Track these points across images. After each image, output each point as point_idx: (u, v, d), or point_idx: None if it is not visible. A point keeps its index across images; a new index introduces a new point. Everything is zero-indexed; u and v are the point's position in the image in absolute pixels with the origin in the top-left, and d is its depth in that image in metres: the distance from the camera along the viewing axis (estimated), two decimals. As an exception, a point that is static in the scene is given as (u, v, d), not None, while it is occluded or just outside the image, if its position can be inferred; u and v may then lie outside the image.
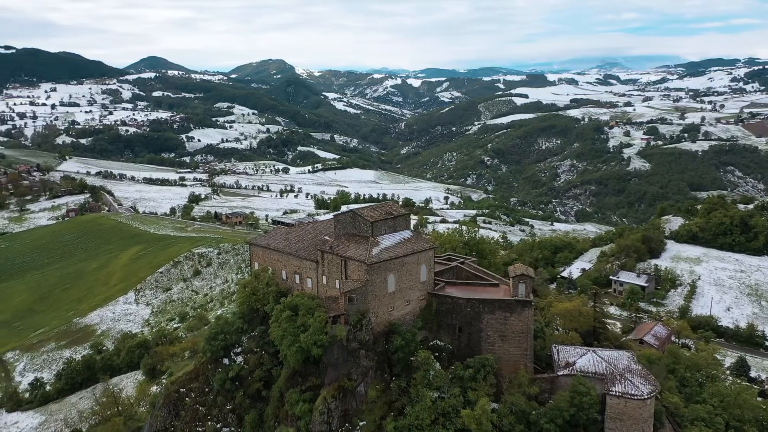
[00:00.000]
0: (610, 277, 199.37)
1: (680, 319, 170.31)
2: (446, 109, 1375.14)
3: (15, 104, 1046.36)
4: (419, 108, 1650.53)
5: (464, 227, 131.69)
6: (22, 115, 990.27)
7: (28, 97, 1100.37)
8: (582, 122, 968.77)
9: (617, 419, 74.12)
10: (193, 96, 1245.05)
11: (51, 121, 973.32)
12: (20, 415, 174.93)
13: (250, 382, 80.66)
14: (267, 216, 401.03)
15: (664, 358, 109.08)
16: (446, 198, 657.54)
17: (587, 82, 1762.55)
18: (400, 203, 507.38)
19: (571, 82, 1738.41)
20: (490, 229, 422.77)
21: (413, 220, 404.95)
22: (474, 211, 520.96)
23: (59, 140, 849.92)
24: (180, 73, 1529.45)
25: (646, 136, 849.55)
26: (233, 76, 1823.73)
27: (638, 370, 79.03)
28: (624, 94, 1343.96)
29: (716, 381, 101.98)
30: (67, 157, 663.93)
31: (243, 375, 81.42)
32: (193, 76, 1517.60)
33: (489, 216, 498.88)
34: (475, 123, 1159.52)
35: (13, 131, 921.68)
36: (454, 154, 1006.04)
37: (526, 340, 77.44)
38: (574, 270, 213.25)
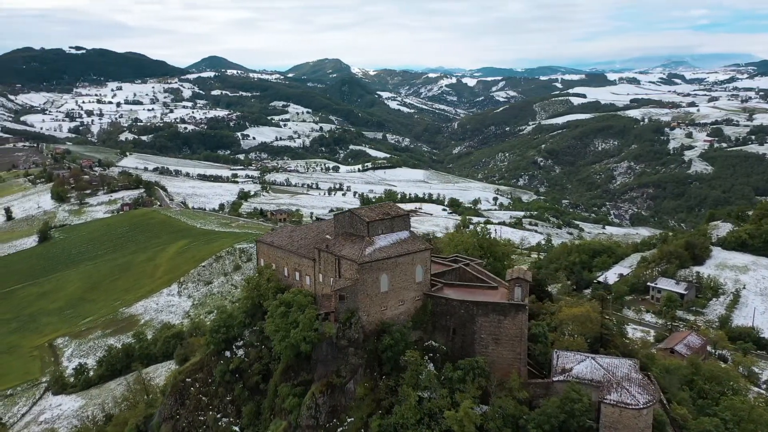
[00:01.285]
0: (648, 283, 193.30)
1: (719, 330, 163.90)
2: (501, 108, 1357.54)
3: (84, 102, 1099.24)
4: (474, 107, 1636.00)
5: (479, 228, 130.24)
6: (89, 113, 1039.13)
7: (96, 95, 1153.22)
8: (641, 123, 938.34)
9: (612, 428, 72.46)
10: (250, 95, 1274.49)
11: (116, 118, 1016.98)
12: (64, 398, 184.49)
13: (249, 375, 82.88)
14: (312, 213, 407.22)
15: (684, 369, 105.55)
16: (495, 199, 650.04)
17: (650, 82, 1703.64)
18: (446, 203, 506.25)
19: (633, 81, 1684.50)
20: (535, 231, 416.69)
21: (452, 219, 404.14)
22: (521, 213, 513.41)
23: (122, 137, 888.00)
24: (239, 72, 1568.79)
25: (709, 138, 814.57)
26: (290, 75, 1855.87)
27: (638, 379, 76.97)
28: (688, 94, 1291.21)
29: (738, 394, 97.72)
30: (127, 153, 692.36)
31: (243, 368, 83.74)
32: (251, 75, 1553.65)
33: (537, 218, 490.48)
34: (530, 123, 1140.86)
35: (81, 128, 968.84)
36: (507, 154, 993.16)
37: (520, 343, 76.58)
38: (611, 275, 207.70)
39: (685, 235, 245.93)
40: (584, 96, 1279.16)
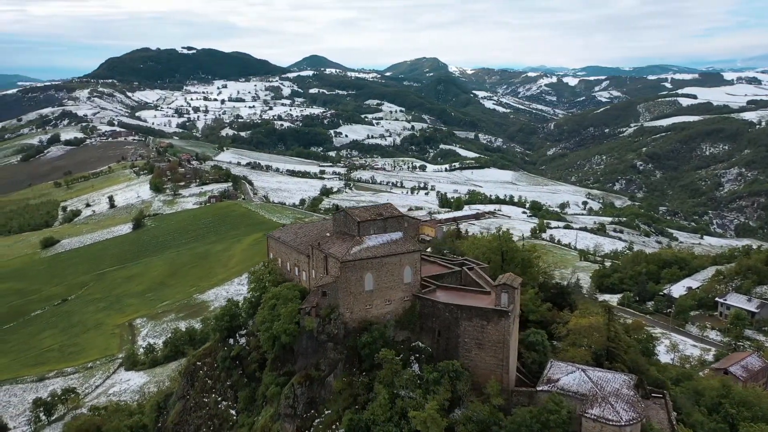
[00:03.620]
0: (716, 299, 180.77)
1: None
2: (601, 109, 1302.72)
3: (191, 99, 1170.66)
4: (573, 108, 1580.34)
5: (500, 233, 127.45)
6: (196, 110, 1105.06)
7: (203, 93, 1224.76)
8: (758, 126, 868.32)
9: (592, 444, 70.12)
10: (345, 93, 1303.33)
11: (219, 115, 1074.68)
12: (133, 374, 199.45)
13: (248, 362, 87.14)
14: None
15: (715, 391, 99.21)
16: (585, 203, 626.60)
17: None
18: (527, 206, 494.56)
19: (753, 81, 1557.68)
20: (619, 238, 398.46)
21: (530, 222, 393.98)
22: (609, 218, 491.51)
23: (223, 132, 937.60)
24: (337, 71, 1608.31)
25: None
26: (387, 74, 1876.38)
27: (627, 395, 73.82)
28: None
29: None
30: (224, 148, 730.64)
31: (243, 355, 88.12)
32: (348, 74, 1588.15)
33: (625, 225, 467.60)
34: (632, 125, 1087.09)
35: (187, 123, 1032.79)
36: (604, 157, 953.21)
37: (503, 349, 75.42)
38: (679, 288, 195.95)
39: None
40: (695, 97, 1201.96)
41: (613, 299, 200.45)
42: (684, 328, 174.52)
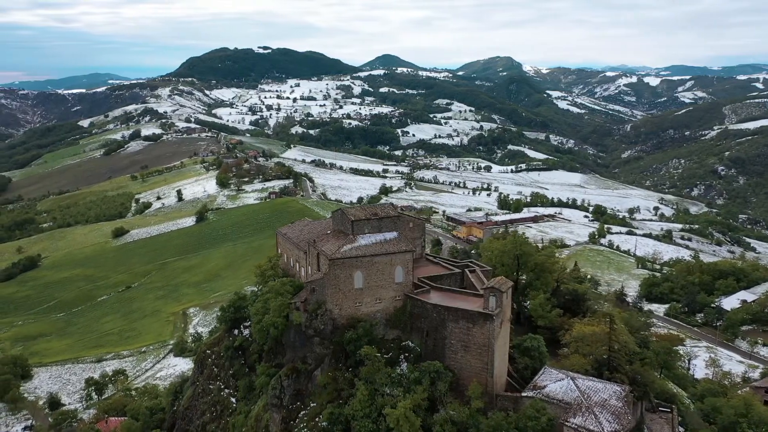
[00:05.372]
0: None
1: None
2: (683, 110, 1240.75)
3: (265, 98, 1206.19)
4: (653, 109, 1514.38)
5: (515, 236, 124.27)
6: (269, 107, 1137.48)
7: (276, 91, 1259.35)
8: None
9: (572, 453, 68.68)
10: (415, 92, 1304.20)
11: (290, 113, 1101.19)
12: (180, 360, 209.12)
13: (249, 353, 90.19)
14: (444, 212, 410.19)
15: (734, 408, 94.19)
16: (656, 209, 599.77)
17: None
18: (590, 210, 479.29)
19: None
20: (686, 246, 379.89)
21: (591, 227, 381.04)
22: (679, 225, 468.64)
23: (293, 130, 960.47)
24: (408, 70, 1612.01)
25: None
26: (459, 73, 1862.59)
27: (615, 407, 71.68)
28: None
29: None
30: (291, 146, 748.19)
31: (245, 346, 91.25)
32: (420, 73, 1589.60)
33: (696, 232, 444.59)
34: (715, 127, 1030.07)
35: (259, 121, 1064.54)
36: (682, 161, 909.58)
37: (487, 353, 74.77)
38: (732, 300, 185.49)
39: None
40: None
41: (660, 309, 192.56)
42: (733, 343, 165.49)
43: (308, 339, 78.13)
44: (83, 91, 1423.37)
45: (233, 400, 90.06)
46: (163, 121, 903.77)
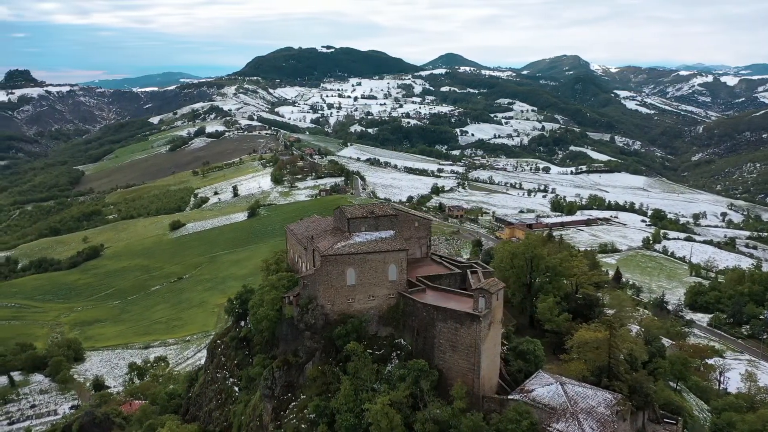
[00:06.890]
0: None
1: None
2: (762, 111, 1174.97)
3: (327, 96, 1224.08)
4: (730, 110, 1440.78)
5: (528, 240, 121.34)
6: (330, 106, 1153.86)
7: (338, 90, 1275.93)
8: None
9: (552, 460, 67.67)
10: (477, 92, 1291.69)
11: (351, 111, 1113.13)
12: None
13: (253, 344, 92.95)
14: (493, 213, 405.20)
15: (749, 424, 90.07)
16: (723, 215, 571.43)
17: None
18: (649, 214, 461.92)
19: None
20: (750, 255, 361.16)
21: (646, 231, 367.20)
22: (746, 233, 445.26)
23: (352, 129, 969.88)
24: (471, 69, 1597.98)
25: None
26: (524, 72, 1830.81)
27: (602, 415, 70.15)
28: None
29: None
30: (348, 144, 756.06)
31: (250, 337, 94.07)
32: (482, 72, 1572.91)
33: (765, 241, 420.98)
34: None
35: (320, 119, 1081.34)
36: (758, 165, 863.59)
37: (474, 354, 74.50)
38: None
39: None
40: None
41: (704, 319, 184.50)
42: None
43: (300, 333, 79.93)
44: (155, 89, 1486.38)
45: (236, 389, 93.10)
46: (227, 118, 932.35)
